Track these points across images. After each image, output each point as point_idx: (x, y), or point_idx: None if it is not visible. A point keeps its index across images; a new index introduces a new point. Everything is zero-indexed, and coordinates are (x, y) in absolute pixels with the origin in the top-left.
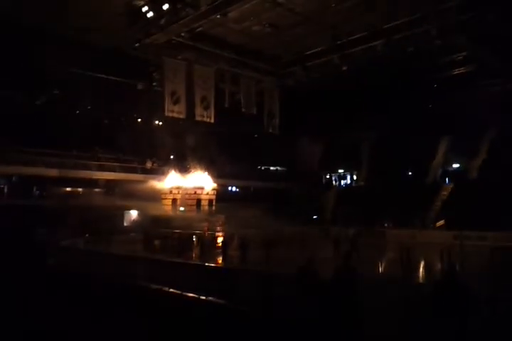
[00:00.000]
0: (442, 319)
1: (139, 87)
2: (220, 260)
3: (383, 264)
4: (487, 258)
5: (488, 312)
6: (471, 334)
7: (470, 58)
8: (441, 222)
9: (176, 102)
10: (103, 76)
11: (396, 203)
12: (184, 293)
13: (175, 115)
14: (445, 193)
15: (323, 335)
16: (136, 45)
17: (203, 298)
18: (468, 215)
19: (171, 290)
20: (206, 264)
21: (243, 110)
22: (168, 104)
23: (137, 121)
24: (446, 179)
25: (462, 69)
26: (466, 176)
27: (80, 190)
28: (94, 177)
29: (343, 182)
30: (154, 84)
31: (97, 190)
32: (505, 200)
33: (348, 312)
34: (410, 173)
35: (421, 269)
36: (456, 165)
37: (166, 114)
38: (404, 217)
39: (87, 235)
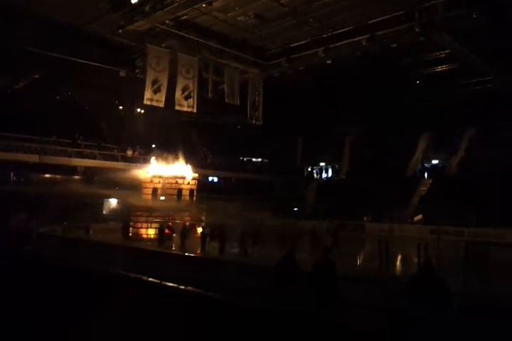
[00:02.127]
0: (418, 311)
1: (121, 74)
2: (199, 250)
3: (362, 257)
4: (462, 253)
5: (460, 305)
6: (444, 326)
7: (452, 56)
8: (419, 217)
9: (156, 91)
10: (85, 62)
11: (376, 197)
12: (163, 283)
13: (154, 104)
14: (424, 188)
15: (302, 326)
16: (119, 31)
17: (182, 287)
18: (446, 210)
19: (150, 279)
20: (185, 254)
21: (226, 100)
22: (148, 93)
23: (119, 108)
24: (426, 174)
25: (444, 67)
26: (445, 172)
27: (58, 176)
28: (74, 164)
29: (324, 175)
30: (137, 71)
31: (76, 177)
32: (482, 196)
33: (326, 304)
34: (391, 168)
35: (398, 263)
36: (435, 161)
37: (145, 102)
38: (383, 211)
39: (65, 223)
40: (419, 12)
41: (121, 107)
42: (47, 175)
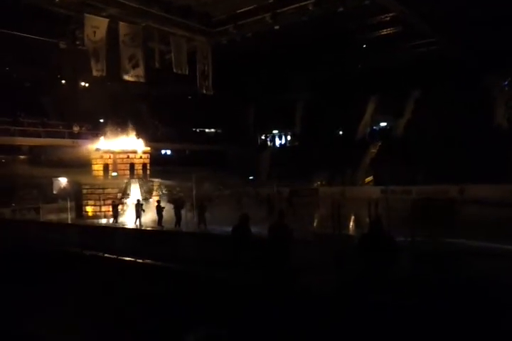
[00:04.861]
0: (368, 267)
1: (62, 45)
2: (155, 223)
3: (316, 221)
4: (410, 209)
5: (406, 257)
6: (393, 280)
7: (397, 19)
8: (369, 178)
9: (97, 61)
10: (22, 34)
11: (328, 162)
12: (120, 257)
13: (98, 74)
14: (373, 151)
15: (259, 292)
16: (56, 0)
17: (140, 261)
18: (395, 171)
19: (106, 255)
20: (141, 228)
21: (175, 70)
22: (92, 64)
23: (61, 82)
24: (375, 137)
25: (389, 30)
26: (393, 134)
27: (2, 157)
28: (18, 143)
29: (277, 142)
30: (77, 42)
31: (22, 157)
32: (426, 156)
33: (281, 268)
34: (342, 132)
35: (351, 223)
36: (383, 124)
37: (94, 74)
38: (336, 175)
39: (13, 204)
40: None
41: (64, 81)
42: None
